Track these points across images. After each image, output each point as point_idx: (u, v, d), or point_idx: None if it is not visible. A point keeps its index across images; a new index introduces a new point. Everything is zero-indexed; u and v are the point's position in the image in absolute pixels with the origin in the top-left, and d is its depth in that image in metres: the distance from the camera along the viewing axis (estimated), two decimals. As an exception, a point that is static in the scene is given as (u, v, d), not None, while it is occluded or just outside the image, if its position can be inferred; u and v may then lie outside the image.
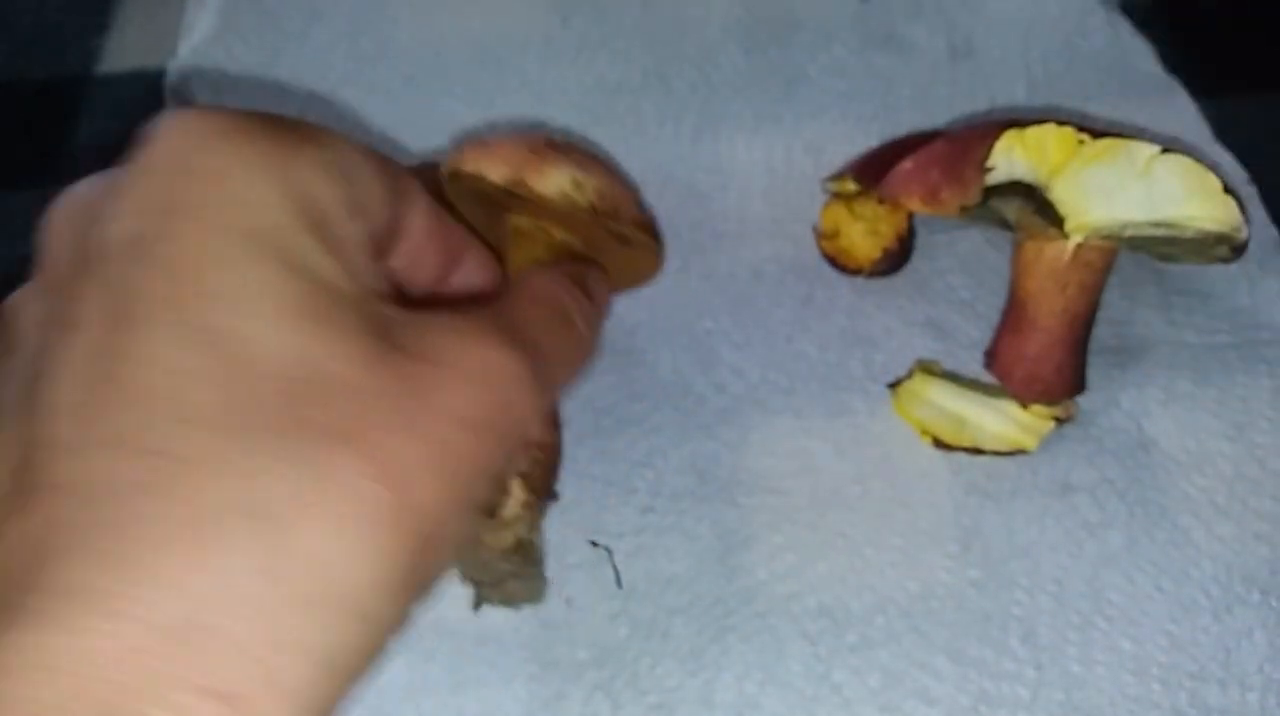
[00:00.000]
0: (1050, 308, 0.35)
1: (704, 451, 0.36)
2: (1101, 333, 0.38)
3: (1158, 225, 0.33)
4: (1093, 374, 0.36)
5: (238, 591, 0.15)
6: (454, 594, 0.34)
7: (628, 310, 0.40)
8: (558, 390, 0.26)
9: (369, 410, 0.17)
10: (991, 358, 0.36)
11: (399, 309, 0.20)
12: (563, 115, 0.46)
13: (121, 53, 0.50)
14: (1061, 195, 0.33)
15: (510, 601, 0.32)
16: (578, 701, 0.32)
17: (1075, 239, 0.34)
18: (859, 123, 0.45)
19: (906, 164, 0.36)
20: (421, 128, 0.45)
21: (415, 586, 0.18)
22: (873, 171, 0.38)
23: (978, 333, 0.39)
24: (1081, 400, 0.37)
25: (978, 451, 0.36)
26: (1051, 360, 0.35)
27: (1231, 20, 0.48)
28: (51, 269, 0.21)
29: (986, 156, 0.33)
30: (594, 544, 0.35)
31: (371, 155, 0.23)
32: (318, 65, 0.48)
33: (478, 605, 0.32)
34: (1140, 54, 0.47)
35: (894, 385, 0.38)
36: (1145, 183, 0.32)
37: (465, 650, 0.33)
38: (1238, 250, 0.34)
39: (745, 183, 0.43)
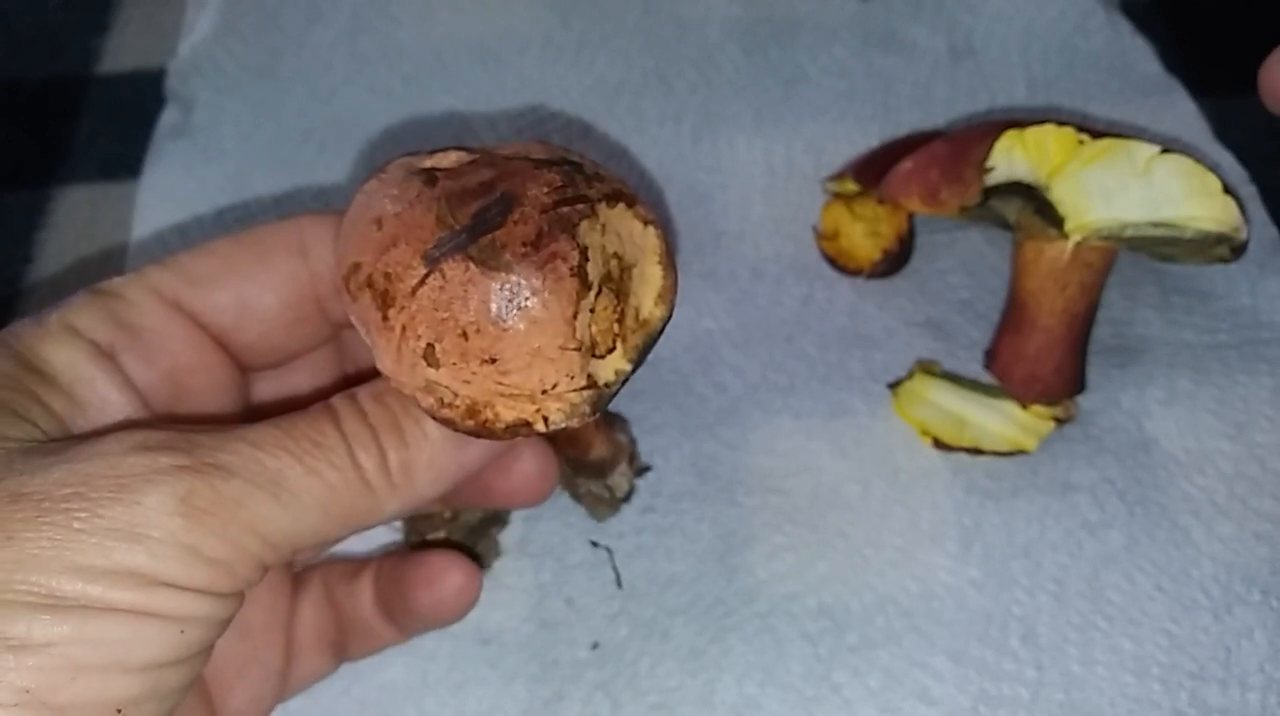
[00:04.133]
0: (1050, 308, 0.35)
1: (704, 451, 0.36)
2: (1101, 333, 0.38)
3: (1158, 225, 0.33)
4: (1093, 374, 0.36)
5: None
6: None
7: (628, 310, 0.40)
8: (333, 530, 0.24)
9: None
10: (991, 357, 0.36)
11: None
12: (563, 115, 0.46)
13: (121, 53, 0.50)
14: (1061, 195, 0.33)
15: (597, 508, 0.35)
16: (578, 701, 0.32)
17: (1075, 239, 0.34)
18: (859, 123, 0.45)
19: (906, 164, 0.36)
20: (421, 128, 0.45)
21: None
22: (873, 171, 0.38)
23: (978, 333, 0.39)
24: (1081, 400, 0.37)
25: (978, 451, 0.36)
26: (1051, 360, 0.35)
27: (1231, 20, 0.48)
28: None
29: (986, 156, 0.33)
30: (594, 544, 0.35)
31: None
32: (318, 65, 0.48)
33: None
34: (1140, 54, 0.47)
35: (894, 385, 0.38)
36: (1145, 183, 0.32)
37: (465, 650, 0.33)
38: (1238, 250, 0.34)
39: (745, 183, 0.43)
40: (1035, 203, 0.34)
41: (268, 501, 0.22)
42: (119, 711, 0.20)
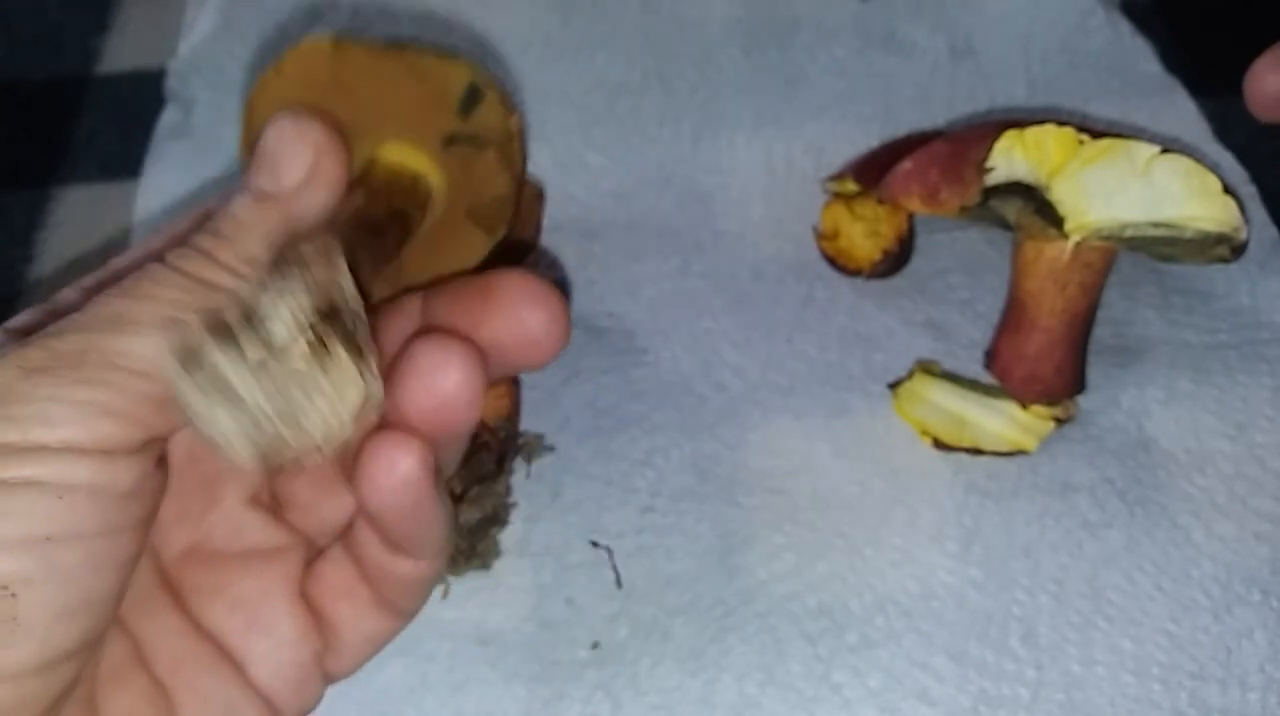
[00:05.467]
0: (1050, 307, 0.35)
1: (704, 451, 0.36)
2: (1101, 332, 0.38)
3: (1158, 225, 0.33)
4: (1093, 374, 0.36)
5: None
6: (455, 594, 0.34)
7: (628, 310, 0.40)
8: None
9: None
10: (991, 358, 0.36)
11: None
12: (563, 115, 0.46)
13: (121, 53, 0.50)
14: (1061, 195, 0.33)
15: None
16: (578, 701, 0.32)
17: (1075, 239, 0.34)
18: (859, 123, 0.45)
19: (906, 164, 0.36)
20: (421, 128, 0.45)
21: None
22: (873, 171, 0.38)
23: (978, 333, 0.39)
24: (1081, 400, 0.37)
25: (978, 451, 0.36)
26: (1051, 360, 0.35)
27: (1231, 20, 0.48)
28: None
29: (986, 156, 0.33)
30: (594, 544, 0.35)
31: None
32: (318, 65, 0.48)
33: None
34: (1140, 54, 0.47)
35: (894, 385, 0.38)
36: (1145, 183, 0.32)
37: (465, 650, 0.33)
38: (1237, 250, 0.34)
39: (745, 183, 0.43)
40: (1035, 203, 0.34)
41: (113, 337, 0.21)
42: (6, 588, 0.19)
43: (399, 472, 0.25)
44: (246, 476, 0.28)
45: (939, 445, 0.36)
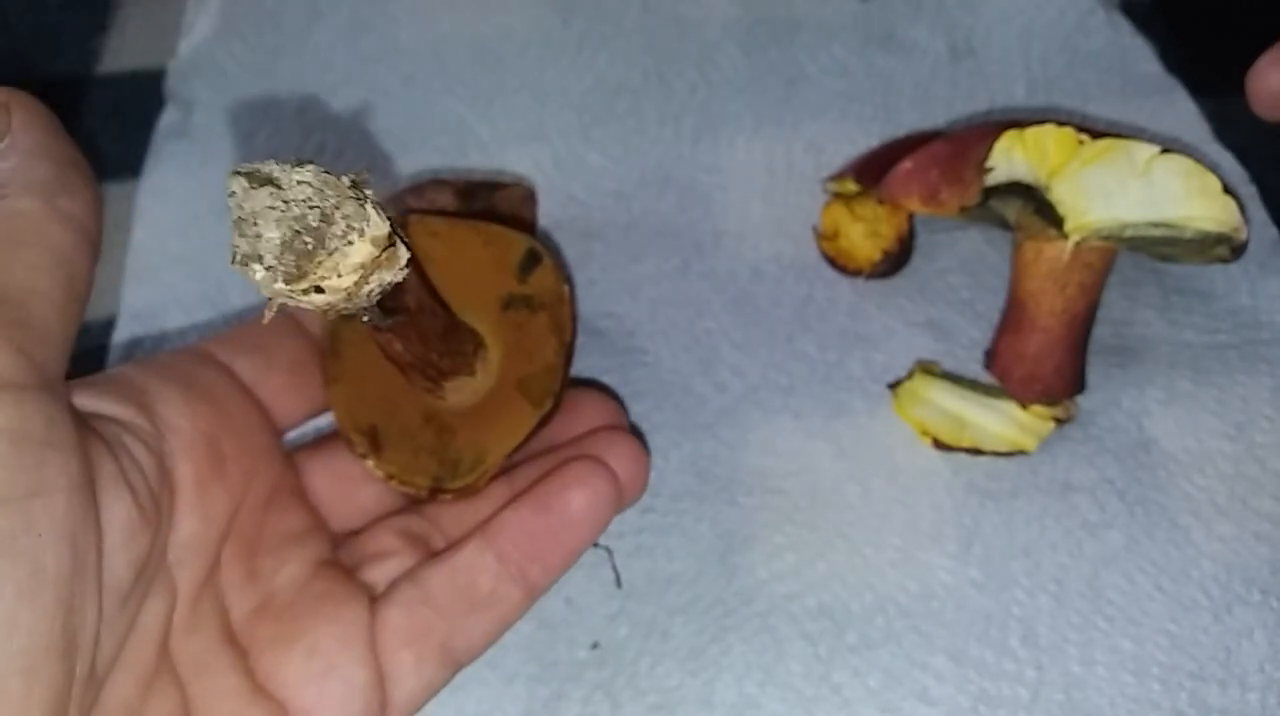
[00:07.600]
0: (1050, 308, 0.35)
1: (704, 451, 0.36)
2: (1101, 332, 0.38)
3: (1157, 225, 0.33)
4: (1093, 374, 0.36)
5: None
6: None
7: (628, 310, 0.40)
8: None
9: None
10: (991, 357, 0.36)
11: None
12: (563, 115, 0.46)
13: (121, 53, 0.50)
14: (1061, 195, 0.33)
15: None
16: (578, 701, 0.32)
17: (1075, 239, 0.34)
18: (859, 123, 0.45)
19: (906, 164, 0.36)
20: (421, 128, 0.45)
21: None
22: (873, 171, 0.38)
23: (978, 332, 0.39)
24: (1081, 400, 0.37)
25: (978, 452, 0.36)
26: (1051, 360, 0.35)
27: (1232, 20, 0.48)
28: None
29: (986, 156, 0.33)
30: (594, 544, 0.35)
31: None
32: (318, 65, 0.48)
33: None
34: (1140, 54, 0.47)
35: (894, 385, 0.38)
36: (1145, 183, 0.32)
37: (465, 650, 0.33)
38: (1237, 250, 0.34)
39: (745, 183, 0.43)
40: (1035, 203, 0.34)
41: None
42: None
43: (598, 489, 0.29)
44: (316, 538, 0.29)
45: (939, 445, 0.36)
